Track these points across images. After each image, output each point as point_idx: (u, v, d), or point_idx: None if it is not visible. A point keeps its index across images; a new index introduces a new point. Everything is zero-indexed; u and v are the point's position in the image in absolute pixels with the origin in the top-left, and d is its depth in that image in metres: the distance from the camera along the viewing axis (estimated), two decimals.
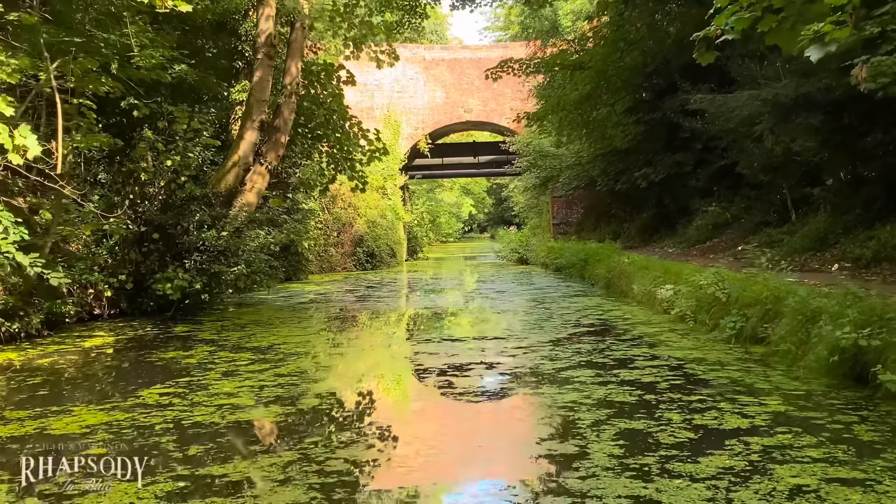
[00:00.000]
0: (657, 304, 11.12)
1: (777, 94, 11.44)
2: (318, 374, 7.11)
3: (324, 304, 14.75)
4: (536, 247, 26.96)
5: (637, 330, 9.41)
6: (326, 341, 9.24)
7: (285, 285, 20.09)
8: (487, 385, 6.76)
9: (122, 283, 12.50)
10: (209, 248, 13.12)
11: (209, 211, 13.37)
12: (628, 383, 6.25)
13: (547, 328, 9.88)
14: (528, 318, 11.20)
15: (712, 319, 8.78)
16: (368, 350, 8.88)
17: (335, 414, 5.68)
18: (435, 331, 10.67)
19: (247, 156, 13.60)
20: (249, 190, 14.34)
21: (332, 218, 26.34)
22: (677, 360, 7.23)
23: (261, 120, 13.54)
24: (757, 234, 16.05)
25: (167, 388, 6.55)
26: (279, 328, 10.71)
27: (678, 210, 21.47)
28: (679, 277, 10.93)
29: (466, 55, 32.43)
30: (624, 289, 13.68)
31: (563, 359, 7.48)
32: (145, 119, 13.17)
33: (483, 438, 5.09)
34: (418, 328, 11.26)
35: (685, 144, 19.82)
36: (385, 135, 31.86)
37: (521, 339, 9.00)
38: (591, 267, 17.46)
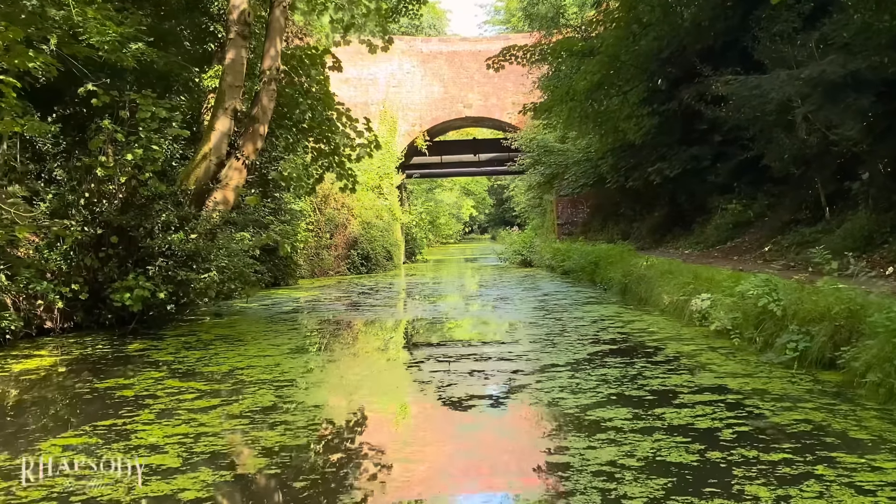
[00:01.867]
0: (686, 314, 9.61)
1: (824, 71, 9.93)
2: (276, 415, 5.60)
3: (307, 313, 13.25)
4: (541, 248, 25.46)
5: (669, 348, 7.89)
6: (299, 366, 7.73)
7: (271, 291, 18.61)
8: (494, 432, 5.25)
9: (75, 293, 11.04)
10: (176, 252, 11.62)
11: (176, 211, 11.87)
12: (679, 431, 4.73)
13: (561, 345, 8.37)
14: (538, 331, 9.69)
15: (763, 336, 7.27)
16: (347, 380, 7.35)
17: (289, 483, 4.16)
18: (429, 351, 9.16)
19: (219, 147, 12.09)
20: (224, 187, 12.83)
21: (325, 219, 24.84)
22: (733, 393, 5.72)
23: (234, 108, 12.03)
24: (786, 234, 14.54)
25: (78, 437, 5.04)
26: (249, 345, 9.20)
27: (694, 208, 19.94)
28: (713, 284, 9.42)
29: (466, 48, 30.93)
30: (643, 296, 12.18)
31: (586, 390, 5.97)
32: (106, 108, 11.69)
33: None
34: (411, 347, 9.76)
35: (702, 137, 18.30)
36: (381, 132, 30.43)
37: (532, 362, 7.49)
38: (603, 270, 15.95)
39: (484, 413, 5.64)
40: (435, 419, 5.64)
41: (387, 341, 10.27)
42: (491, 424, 5.34)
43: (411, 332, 10.96)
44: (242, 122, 13.34)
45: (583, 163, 22.03)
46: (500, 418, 5.53)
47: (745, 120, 14.44)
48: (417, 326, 11.47)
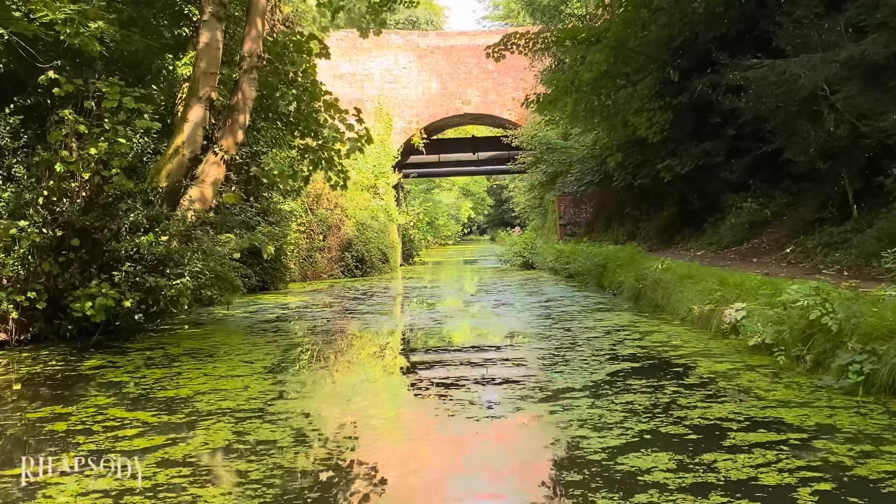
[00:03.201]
0: (713, 325, 8.53)
1: (864, 52, 8.86)
2: (228, 462, 4.51)
3: (292, 322, 12.16)
4: (543, 250, 24.37)
5: (701, 367, 6.81)
6: (269, 389, 6.63)
7: (258, 296, 17.54)
8: (499, 489, 4.16)
9: (33, 302, 9.96)
10: (145, 256, 10.55)
11: (146, 210, 10.78)
12: (742, 490, 3.64)
13: (574, 363, 7.28)
14: (546, 345, 8.59)
15: (812, 354, 6.19)
16: (325, 414, 6.25)
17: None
18: (420, 375, 8.09)
19: (193, 140, 11.00)
20: (200, 184, 11.76)
21: (317, 220, 23.73)
22: (793, 430, 4.64)
23: (209, 96, 10.95)
24: (810, 234, 13.48)
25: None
26: (219, 362, 8.11)
27: (705, 207, 18.89)
28: (743, 291, 8.34)
29: (464, 42, 29.85)
30: (660, 302, 11.09)
31: (612, 426, 4.89)
32: (70, 98, 10.63)
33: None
34: (401, 369, 8.68)
35: (715, 131, 17.24)
36: (377, 129, 29.35)
37: (542, 385, 6.40)
38: (612, 273, 14.87)
39: (486, 460, 4.55)
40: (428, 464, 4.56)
41: (376, 358, 9.18)
42: (494, 481, 4.23)
43: (402, 348, 9.88)
44: (221, 113, 12.28)
45: (587, 160, 20.93)
46: (506, 471, 4.43)
47: (766, 111, 13.37)
48: (410, 339, 10.39)
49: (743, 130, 16.48)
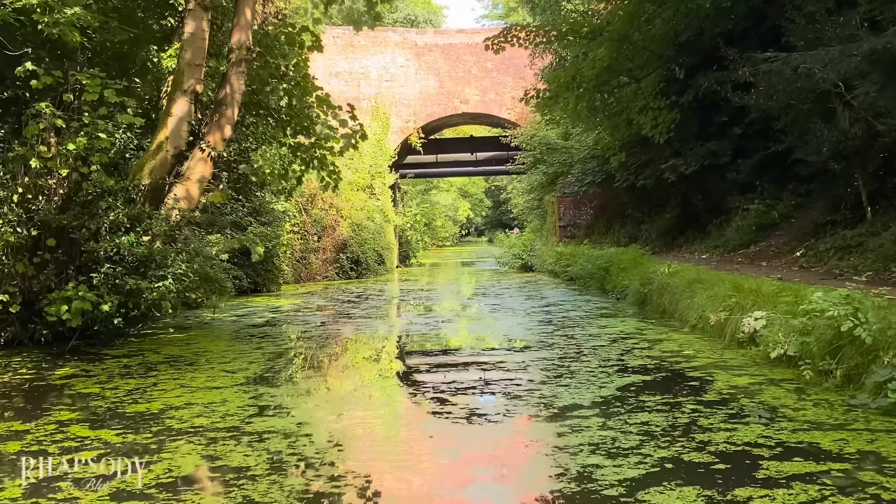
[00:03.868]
0: (727, 333, 8.00)
1: (889, 43, 8.35)
2: (193, 495, 3.98)
3: (280, 326, 11.61)
4: (542, 252, 23.85)
5: (719, 380, 6.28)
6: (248, 404, 6.09)
7: (249, 298, 17.01)
8: None
9: (6, 305, 9.42)
10: (126, 257, 9.99)
11: (127, 209, 10.23)
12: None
13: (581, 375, 6.75)
14: (549, 354, 8.06)
15: (843, 369, 5.66)
16: (305, 431, 5.72)
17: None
18: (413, 388, 7.57)
19: (178, 135, 10.46)
20: (186, 181, 11.21)
21: (311, 220, 23.17)
22: (833, 459, 4.11)
23: (194, 89, 10.40)
24: (822, 237, 12.97)
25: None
26: (198, 372, 7.57)
27: (709, 209, 18.36)
28: (760, 297, 7.82)
29: (463, 40, 29.32)
30: (667, 308, 10.56)
31: (627, 451, 4.35)
32: (48, 91, 10.09)
33: None
34: (394, 376, 8.16)
35: (721, 130, 16.73)
36: (373, 128, 28.80)
37: (547, 401, 5.85)
38: (616, 277, 14.34)
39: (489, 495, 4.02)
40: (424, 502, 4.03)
41: (367, 366, 8.64)
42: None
43: (395, 354, 9.35)
44: (208, 108, 11.74)
45: (589, 160, 20.39)
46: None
47: (777, 109, 12.87)
48: (404, 345, 9.85)
49: (749, 130, 15.98)
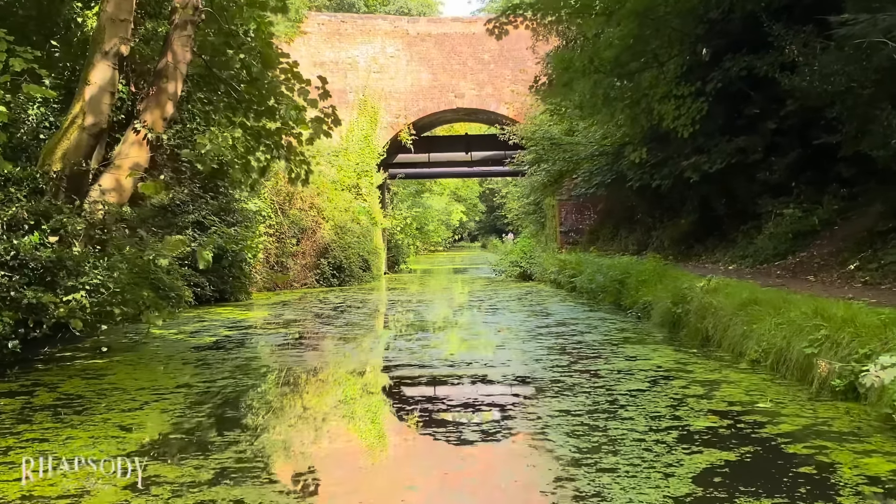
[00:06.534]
0: (816, 378, 5.88)
1: None
2: None
3: (230, 350, 9.37)
4: (543, 260, 21.75)
5: (842, 463, 4.15)
6: (122, 498, 3.94)
7: (210, 309, 14.85)
8: None
9: None
10: (27, 263, 7.83)
11: (31, 203, 8.08)
12: None
13: (627, 448, 4.59)
14: (573, 406, 5.88)
15: None
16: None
17: None
18: (383, 473, 5.43)
19: (98, 108, 8.29)
20: (115, 169, 9.06)
21: (289, 222, 21.00)
22: None
23: (119, 51, 8.25)
24: (879, 247, 10.96)
25: None
26: (85, 426, 5.37)
27: (733, 213, 16.29)
28: (859, 328, 5.70)
29: (458, 29, 27.24)
30: (711, 335, 8.45)
31: None
32: None
33: None
34: (360, 436, 6.01)
35: (751, 124, 14.64)
36: (360, 123, 26.69)
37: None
38: (635, 291, 12.24)
39: None
40: None
41: (316, 443, 6.49)
42: None
43: (364, 412, 7.20)
44: (145, 79, 9.59)
45: (597, 157, 18.30)
46: None
47: (832, 93, 10.83)
48: (379, 389, 7.70)
49: (784, 124, 13.94)
